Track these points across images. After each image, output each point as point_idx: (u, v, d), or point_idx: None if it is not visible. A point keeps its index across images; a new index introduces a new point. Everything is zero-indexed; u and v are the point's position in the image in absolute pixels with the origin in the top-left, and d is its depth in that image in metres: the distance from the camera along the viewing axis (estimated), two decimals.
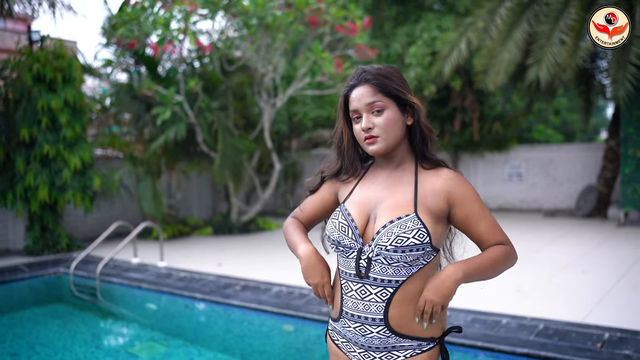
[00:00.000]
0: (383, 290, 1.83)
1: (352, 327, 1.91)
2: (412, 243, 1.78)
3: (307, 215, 2.16)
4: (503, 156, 15.29)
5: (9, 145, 9.86)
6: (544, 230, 11.28)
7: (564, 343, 4.45)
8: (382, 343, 1.87)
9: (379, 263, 1.83)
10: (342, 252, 1.93)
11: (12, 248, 10.66)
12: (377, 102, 1.86)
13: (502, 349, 4.39)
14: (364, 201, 1.93)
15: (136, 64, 11.94)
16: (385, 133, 1.86)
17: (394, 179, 1.94)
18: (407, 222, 1.80)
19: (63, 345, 6.02)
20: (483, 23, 11.66)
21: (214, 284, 7.22)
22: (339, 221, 1.92)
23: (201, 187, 14.59)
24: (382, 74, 1.89)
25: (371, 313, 1.85)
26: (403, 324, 1.85)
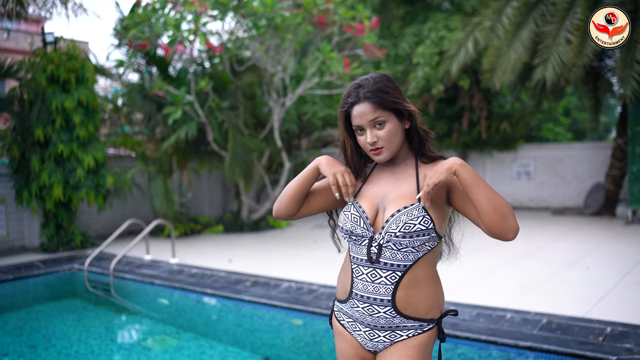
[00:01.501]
0: (392, 273, 2.01)
1: (361, 307, 2.08)
2: (418, 229, 1.95)
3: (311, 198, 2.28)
4: (511, 155, 15.34)
5: (24, 144, 10.06)
6: (550, 227, 11.35)
7: (566, 337, 4.56)
8: (388, 323, 2.05)
9: (389, 249, 2.01)
10: (355, 240, 2.10)
11: (27, 245, 10.86)
12: (379, 117, 2.02)
13: (505, 342, 4.51)
14: (373, 195, 2.11)
15: (147, 64, 12.11)
16: (388, 144, 2.05)
17: (397, 174, 2.13)
18: (412, 211, 1.98)
19: (78, 338, 6.19)
20: (490, 23, 11.73)
21: (224, 280, 7.37)
22: (351, 213, 2.09)
23: (212, 185, 14.76)
24: (378, 89, 2.03)
25: (380, 294, 2.03)
26: (408, 306, 2.03)
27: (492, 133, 15.05)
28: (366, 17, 11.09)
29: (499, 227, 1.89)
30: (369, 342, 2.13)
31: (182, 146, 11.78)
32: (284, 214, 2.23)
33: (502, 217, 1.88)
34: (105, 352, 5.71)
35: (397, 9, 14.97)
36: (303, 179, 2.17)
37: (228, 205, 15.21)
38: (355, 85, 2.09)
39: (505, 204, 1.89)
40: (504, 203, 1.90)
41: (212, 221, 13.10)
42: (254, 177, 12.24)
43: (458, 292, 6.30)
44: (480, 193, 1.90)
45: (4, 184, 10.48)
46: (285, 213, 2.22)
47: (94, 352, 5.68)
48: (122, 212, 12.15)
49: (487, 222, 1.90)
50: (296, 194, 2.18)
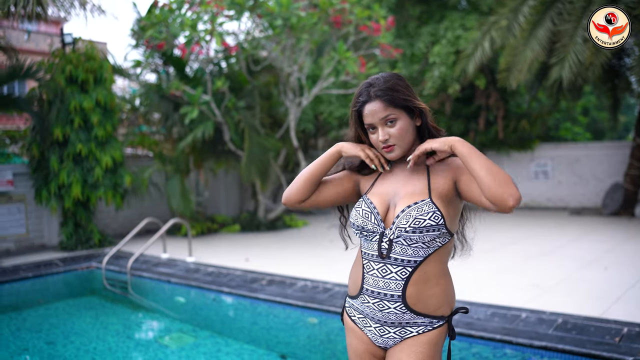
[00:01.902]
0: (403, 269, 2.02)
1: (371, 303, 2.10)
2: (428, 224, 1.97)
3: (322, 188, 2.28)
4: (529, 154, 15.24)
5: (44, 144, 10.19)
6: (568, 227, 11.27)
7: (582, 337, 4.53)
8: (398, 319, 2.06)
9: (400, 244, 2.02)
10: (366, 236, 2.12)
11: (47, 244, 11.00)
12: (390, 115, 2.05)
13: (520, 342, 4.49)
14: (384, 192, 2.14)
15: (165, 64, 12.21)
16: (400, 141, 2.08)
17: (408, 171, 2.15)
18: (423, 206, 1.99)
19: (96, 335, 6.26)
20: (506, 22, 11.67)
21: (240, 279, 7.41)
22: (363, 209, 2.12)
23: (229, 185, 14.83)
24: (389, 87, 2.06)
25: (390, 290, 2.04)
26: (418, 302, 2.04)
27: (510, 132, 14.96)
28: (382, 16, 11.09)
29: (498, 192, 1.83)
30: (380, 338, 2.15)
31: (198, 146, 11.85)
32: (294, 199, 2.22)
33: (501, 183, 1.84)
34: (123, 349, 5.77)
35: (413, 8, 14.94)
36: (321, 162, 2.20)
37: (245, 204, 15.27)
38: (366, 84, 2.12)
39: (503, 172, 1.88)
40: (502, 172, 1.88)
41: (228, 220, 13.17)
42: (270, 177, 12.28)
43: (473, 291, 6.28)
44: (477, 162, 1.89)
45: (24, 183, 10.62)
46: (295, 198, 2.22)
47: (112, 349, 5.75)
48: (140, 211, 12.25)
49: (486, 190, 1.85)
50: (312, 176, 2.19)
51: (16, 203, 10.52)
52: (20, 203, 10.59)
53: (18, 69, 9.78)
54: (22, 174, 10.57)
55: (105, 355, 5.56)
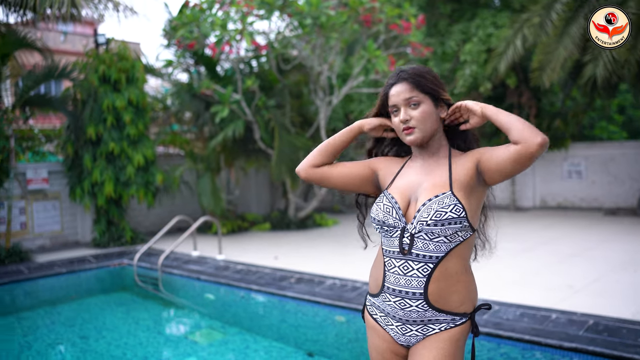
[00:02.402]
0: (424, 265, 2.01)
1: (393, 301, 2.08)
2: (450, 217, 1.95)
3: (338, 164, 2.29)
4: (562, 154, 14.99)
5: (78, 143, 10.39)
6: (602, 228, 11.06)
7: (613, 339, 4.44)
8: (420, 316, 2.05)
9: (421, 239, 2.01)
10: (386, 231, 2.10)
11: (81, 240, 11.20)
12: (414, 97, 2.07)
13: (549, 343, 4.42)
14: (405, 186, 2.12)
15: (196, 64, 12.33)
16: (421, 124, 2.07)
17: (430, 165, 2.13)
18: (444, 199, 1.98)
19: (127, 330, 6.36)
20: (539, 19, 11.48)
21: (269, 277, 7.45)
22: (384, 204, 2.11)
23: (260, 183, 14.91)
24: (417, 73, 2.10)
25: (412, 287, 2.03)
26: (440, 299, 2.03)
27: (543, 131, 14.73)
28: (412, 15, 11.03)
29: (526, 131, 1.87)
30: (402, 337, 2.13)
31: (229, 144, 11.94)
32: (306, 163, 2.25)
33: (530, 126, 1.88)
34: (153, 344, 5.85)
35: (444, 6, 14.82)
36: (340, 135, 2.25)
37: (276, 203, 15.34)
38: (397, 70, 2.16)
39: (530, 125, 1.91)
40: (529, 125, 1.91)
41: (259, 219, 13.24)
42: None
43: (503, 291, 6.21)
44: (507, 115, 1.95)
45: (59, 181, 10.83)
46: (307, 162, 2.25)
47: (142, 344, 5.83)
48: (171, 209, 12.39)
49: (515, 132, 1.89)
50: (329, 145, 2.24)
51: (51, 200, 10.74)
52: (55, 200, 10.80)
53: (53, 69, 9.97)
54: (57, 172, 10.78)
55: (136, 350, 5.64)
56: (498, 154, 1.94)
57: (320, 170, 2.25)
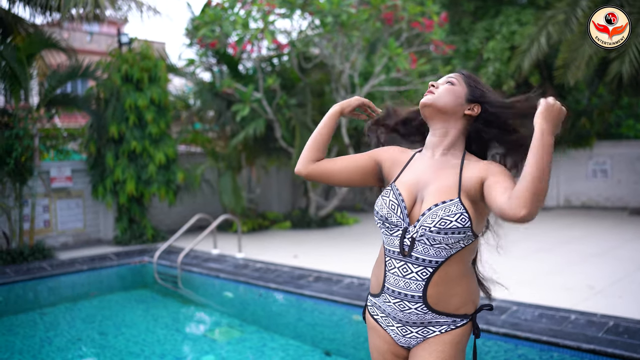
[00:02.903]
0: (424, 269, 1.95)
1: (392, 303, 2.03)
2: (455, 226, 1.88)
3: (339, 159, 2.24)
4: (587, 152, 14.76)
5: (100, 141, 10.49)
6: (626, 227, 10.86)
7: (634, 341, 4.35)
8: (419, 319, 2.00)
9: (422, 243, 1.94)
10: (388, 228, 2.04)
11: (103, 238, 11.32)
12: (453, 78, 2.07)
13: (567, 345, 4.35)
14: (413, 183, 2.04)
15: (218, 63, 12.38)
16: (442, 95, 2.04)
17: (440, 162, 2.05)
18: (450, 207, 1.90)
19: (146, 327, 6.41)
20: (564, 16, 11.31)
21: (288, 275, 7.44)
22: (390, 199, 2.04)
23: (281, 182, 14.92)
24: (472, 75, 2.11)
25: (411, 290, 1.98)
26: (439, 302, 1.98)
27: (567, 130, 14.51)
28: (435, 12, 10.94)
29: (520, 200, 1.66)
30: (402, 338, 2.09)
31: (250, 143, 11.96)
32: (304, 162, 2.21)
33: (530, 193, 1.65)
34: (171, 342, 5.88)
35: (468, 4, 14.69)
36: (323, 123, 2.24)
37: (297, 201, 15.34)
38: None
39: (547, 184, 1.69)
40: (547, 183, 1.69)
41: (280, 217, 13.25)
42: None
43: (522, 291, 6.12)
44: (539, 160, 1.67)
45: (82, 179, 10.95)
46: (305, 160, 2.21)
47: (160, 341, 5.87)
48: (193, 208, 12.45)
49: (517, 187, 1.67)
50: (315, 136, 2.22)
51: (74, 198, 10.87)
52: (79, 198, 10.93)
53: (77, 69, 10.08)
54: (80, 170, 10.90)
55: (154, 347, 5.68)
56: (495, 193, 1.80)
57: (320, 167, 2.20)
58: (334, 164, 2.20)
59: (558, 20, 11.48)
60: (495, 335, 4.77)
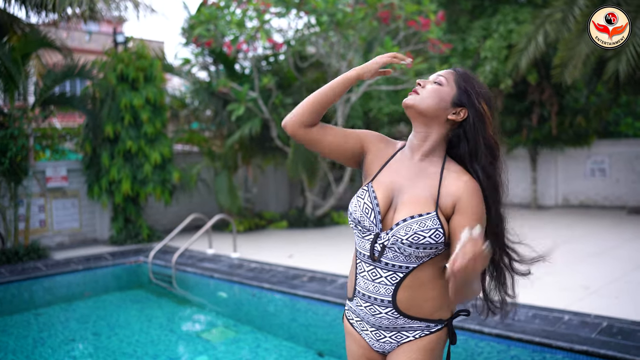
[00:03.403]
0: (393, 274, 1.90)
1: (364, 307, 1.99)
2: (427, 242, 1.83)
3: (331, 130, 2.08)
4: (585, 151, 14.73)
5: (96, 141, 10.46)
6: (624, 227, 10.83)
7: (627, 342, 4.32)
8: (391, 323, 1.95)
9: (393, 251, 1.89)
10: (360, 231, 1.98)
11: (99, 238, 11.29)
12: (442, 77, 1.97)
13: (559, 346, 4.32)
14: (390, 186, 1.96)
15: (215, 62, 12.35)
16: (425, 94, 1.94)
17: (419, 169, 1.96)
18: (426, 221, 1.84)
19: (140, 328, 6.40)
20: (561, 14, 11.27)
21: (282, 275, 7.42)
22: (365, 202, 1.96)
23: (278, 181, 14.90)
24: (466, 73, 1.99)
25: (380, 294, 1.93)
26: (411, 307, 1.92)
27: (565, 128, 14.47)
28: (432, 11, 10.89)
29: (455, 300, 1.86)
30: (376, 343, 2.03)
31: (246, 142, 11.94)
32: (294, 121, 2.03)
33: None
34: (164, 342, 5.87)
35: (465, 2, 14.65)
36: (334, 83, 2.03)
37: (294, 201, 15.32)
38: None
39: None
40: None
41: (276, 217, 13.23)
42: (317, 173, 12.26)
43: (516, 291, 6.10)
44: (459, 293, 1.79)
45: (78, 178, 10.92)
46: (297, 120, 2.03)
47: (154, 342, 5.86)
48: (189, 207, 12.43)
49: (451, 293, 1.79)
50: (320, 96, 2.02)
51: (70, 198, 10.85)
52: (74, 198, 10.91)
53: (72, 68, 10.06)
54: (76, 170, 10.87)
55: (147, 348, 5.67)
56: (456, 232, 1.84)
57: (310, 133, 2.04)
58: (325, 136, 2.05)
59: (555, 19, 11.44)
60: (488, 336, 4.75)
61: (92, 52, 21.02)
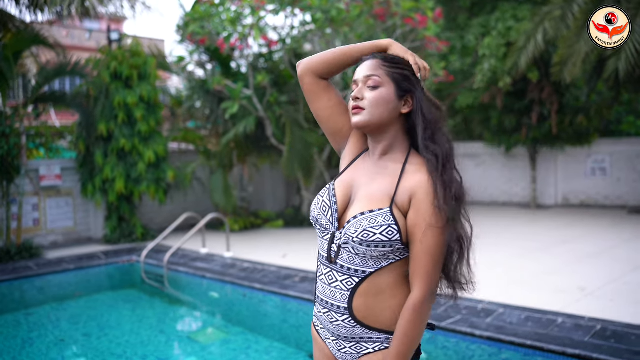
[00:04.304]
0: (349, 279, 1.79)
1: (322, 313, 1.88)
2: (379, 239, 1.72)
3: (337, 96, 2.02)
4: (585, 150, 14.61)
5: (89, 139, 10.38)
6: (625, 227, 10.72)
7: (620, 346, 4.23)
8: (349, 333, 1.83)
9: (347, 251, 1.79)
10: (320, 231, 1.90)
11: (93, 237, 11.22)
12: (375, 76, 1.82)
13: (551, 349, 4.23)
14: (349, 183, 1.89)
15: (211, 60, 12.27)
16: (371, 107, 1.81)
17: (379, 167, 1.87)
18: (377, 217, 1.74)
19: (130, 328, 6.32)
20: (560, 12, 11.16)
21: (274, 275, 7.33)
22: (323, 200, 1.89)
23: (275, 180, 14.80)
24: (392, 58, 1.86)
25: (337, 300, 1.82)
26: (368, 316, 1.80)
27: (566, 127, 14.35)
28: (429, 8, 10.78)
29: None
30: (338, 352, 1.91)
31: (242, 141, 11.85)
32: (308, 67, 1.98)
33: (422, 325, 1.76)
34: (154, 343, 5.80)
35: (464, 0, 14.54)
36: (361, 46, 1.93)
37: (291, 200, 15.24)
38: None
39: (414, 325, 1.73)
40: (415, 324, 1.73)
41: (272, 216, 13.14)
42: (313, 172, 12.17)
43: (511, 292, 6.02)
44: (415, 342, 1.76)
45: (72, 177, 10.84)
46: (311, 67, 1.98)
47: (144, 343, 5.78)
48: (184, 206, 12.35)
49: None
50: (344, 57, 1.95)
51: (64, 197, 10.77)
52: (68, 197, 10.83)
53: (65, 65, 9.97)
54: (70, 168, 10.80)
55: (137, 349, 5.59)
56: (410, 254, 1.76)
57: (316, 83, 1.98)
58: (325, 93, 1.99)
59: (554, 16, 11.33)
60: (479, 339, 4.65)
61: (93, 50, 20.97)
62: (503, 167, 15.83)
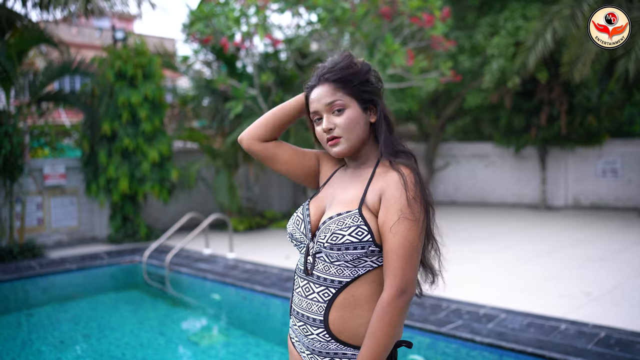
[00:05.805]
0: (325, 290, 1.73)
1: (297, 326, 1.83)
2: (348, 241, 1.67)
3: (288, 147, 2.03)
4: (596, 151, 14.42)
5: (94, 138, 10.34)
6: (634, 230, 10.55)
7: (624, 354, 4.12)
8: (323, 347, 1.75)
9: (322, 260, 1.75)
10: (297, 246, 1.88)
11: (98, 236, 11.19)
12: (337, 101, 1.79)
13: (553, 357, 4.12)
14: (323, 199, 1.88)
15: (217, 59, 12.21)
16: (347, 133, 1.79)
17: (354, 176, 1.86)
18: (345, 219, 1.70)
19: (130, 330, 6.27)
20: (569, 11, 11.00)
21: (276, 277, 7.26)
22: (297, 215, 1.89)
23: (282, 180, 14.74)
24: (341, 68, 1.81)
25: (312, 313, 1.76)
26: (344, 330, 1.73)
27: (576, 127, 14.17)
28: (437, 7, 10.65)
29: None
30: None
31: None
32: (249, 136, 1.98)
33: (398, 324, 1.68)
34: (154, 345, 5.74)
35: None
36: (286, 104, 1.97)
37: (298, 200, 15.16)
38: (317, 68, 1.87)
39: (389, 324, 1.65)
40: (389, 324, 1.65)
41: (278, 216, 13.07)
42: None
43: (514, 297, 5.90)
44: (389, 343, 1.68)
45: (76, 176, 10.82)
46: (252, 135, 1.98)
47: (143, 345, 5.73)
48: (190, 206, 12.31)
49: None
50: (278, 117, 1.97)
51: (69, 196, 10.74)
52: (73, 196, 10.81)
53: (69, 64, 9.94)
54: (74, 167, 10.77)
55: (136, 351, 5.54)
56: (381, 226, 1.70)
57: (265, 148, 1.99)
58: (282, 153, 2.00)
59: (564, 16, 11.16)
60: (479, 345, 4.55)
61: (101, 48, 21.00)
62: (512, 168, 15.67)
